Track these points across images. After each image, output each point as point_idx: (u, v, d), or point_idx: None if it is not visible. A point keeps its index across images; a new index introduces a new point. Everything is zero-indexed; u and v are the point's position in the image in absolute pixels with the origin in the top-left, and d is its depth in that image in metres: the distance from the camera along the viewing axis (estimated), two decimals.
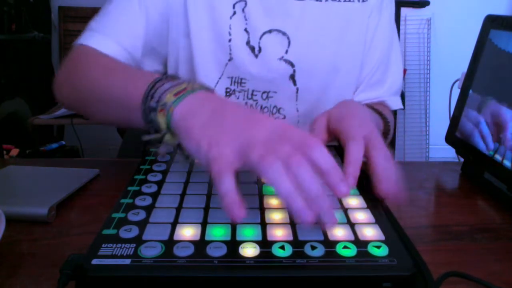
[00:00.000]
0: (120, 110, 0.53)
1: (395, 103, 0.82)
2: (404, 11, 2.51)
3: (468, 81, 0.70)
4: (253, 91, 0.76)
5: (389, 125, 0.69)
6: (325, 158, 0.39)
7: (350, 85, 0.80)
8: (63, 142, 2.30)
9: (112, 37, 0.68)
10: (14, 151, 2.10)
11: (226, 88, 0.76)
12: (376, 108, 0.68)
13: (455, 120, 0.72)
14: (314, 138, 0.40)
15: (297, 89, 0.77)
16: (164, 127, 0.45)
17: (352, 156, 0.47)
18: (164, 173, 0.52)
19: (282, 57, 0.76)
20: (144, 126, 0.47)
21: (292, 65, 0.76)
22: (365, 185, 0.49)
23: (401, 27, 2.56)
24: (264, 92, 0.77)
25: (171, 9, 0.73)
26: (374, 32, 0.79)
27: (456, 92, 0.76)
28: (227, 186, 0.37)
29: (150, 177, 0.51)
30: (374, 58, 0.80)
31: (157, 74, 0.49)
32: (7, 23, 2.20)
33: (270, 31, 0.75)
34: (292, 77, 0.76)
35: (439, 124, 1.74)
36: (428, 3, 2.52)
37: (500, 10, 2.60)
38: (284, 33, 0.75)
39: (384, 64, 0.81)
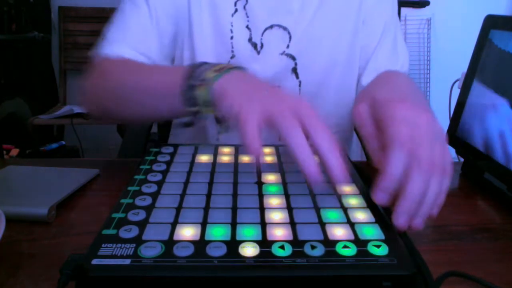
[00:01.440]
0: (158, 98, 0.58)
1: None
2: (404, 11, 2.51)
3: (468, 81, 0.70)
4: None
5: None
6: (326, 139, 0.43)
7: (349, 77, 0.80)
8: (63, 142, 2.30)
9: (126, 44, 0.71)
10: (14, 151, 2.10)
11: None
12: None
13: (455, 120, 0.72)
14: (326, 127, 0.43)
15: (300, 82, 0.78)
16: (203, 100, 0.51)
17: (391, 169, 0.41)
18: (164, 173, 0.52)
19: (284, 51, 0.76)
20: (181, 110, 0.53)
21: (293, 58, 0.77)
22: (366, 185, 0.49)
23: (401, 27, 2.55)
24: (269, 84, 0.77)
25: (179, 12, 0.74)
26: (372, 10, 0.78)
27: (456, 92, 0.76)
28: (251, 127, 0.42)
29: (150, 177, 0.51)
30: (376, 36, 0.79)
31: (189, 65, 0.54)
32: (7, 23, 2.20)
33: (271, 27, 0.75)
34: (295, 70, 0.77)
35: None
36: (428, 3, 2.52)
37: (500, 10, 2.60)
38: (285, 28, 0.76)
39: (389, 44, 0.79)
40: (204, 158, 0.57)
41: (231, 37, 0.75)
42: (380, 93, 0.49)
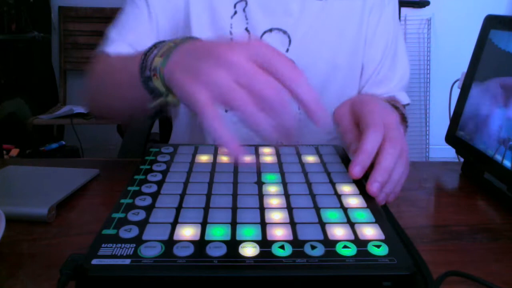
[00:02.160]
0: (130, 91, 0.55)
1: (404, 98, 0.82)
2: (404, 11, 2.51)
3: (468, 81, 0.70)
4: None
5: (406, 120, 0.69)
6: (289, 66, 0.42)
7: (350, 83, 0.80)
8: (63, 142, 2.30)
9: (126, 43, 0.71)
10: (14, 151, 2.10)
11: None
12: (392, 103, 0.68)
13: (455, 120, 0.72)
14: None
15: None
16: (163, 89, 0.47)
17: (367, 144, 0.47)
18: (164, 173, 0.52)
19: None
20: (150, 99, 0.50)
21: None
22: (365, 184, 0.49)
23: (401, 27, 2.56)
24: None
25: (178, 13, 0.74)
26: (375, 28, 0.79)
27: (456, 92, 0.76)
28: (215, 124, 0.39)
29: (150, 177, 0.51)
30: (378, 54, 0.80)
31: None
32: (7, 23, 2.20)
33: (270, 30, 0.75)
34: None
35: (439, 124, 1.74)
36: (428, 3, 2.52)
37: (500, 10, 2.60)
38: (284, 32, 0.75)
39: (390, 59, 0.81)
40: (204, 158, 0.57)
41: (231, 39, 0.75)
42: (356, 98, 0.57)
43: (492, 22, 0.68)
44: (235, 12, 0.75)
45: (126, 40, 0.72)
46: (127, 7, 0.75)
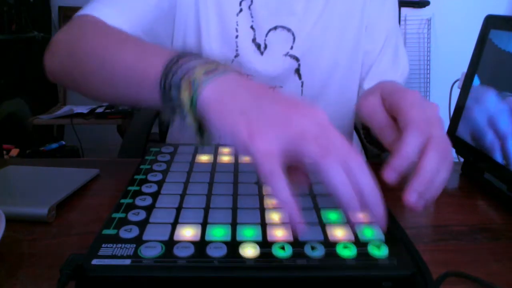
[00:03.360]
0: (130, 84, 0.48)
1: None
2: (404, 11, 2.51)
3: (468, 81, 0.70)
4: None
5: None
6: (368, 177, 0.37)
7: (351, 80, 0.81)
8: (63, 142, 2.30)
9: (119, 11, 0.63)
10: (14, 151, 2.10)
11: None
12: None
13: (455, 120, 0.72)
14: (356, 152, 0.37)
15: (302, 83, 0.78)
16: (188, 108, 0.40)
17: (407, 147, 0.40)
18: (164, 173, 0.52)
19: (288, 52, 0.77)
20: (158, 105, 0.43)
21: (297, 59, 0.77)
22: None
23: (401, 27, 2.55)
24: (270, 87, 0.77)
25: (182, 3, 0.74)
26: (376, 18, 0.79)
27: (456, 92, 0.76)
28: (284, 192, 0.35)
29: (150, 177, 0.51)
30: (379, 44, 0.80)
31: (175, 49, 0.44)
32: (7, 23, 2.20)
33: (275, 28, 0.76)
34: (297, 71, 0.78)
35: None
36: (428, 3, 2.52)
37: (500, 10, 2.59)
38: (289, 30, 0.76)
39: (391, 50, 0.81)
40: (204, 158, 0.57)
41: (236, 36, 0.75)
42: (386, 86, 0.48)
43: (492, 22, 0.68)
44: (241, 10, 0.75)
45: (117, 7, 0.64)
46: None
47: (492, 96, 0.64)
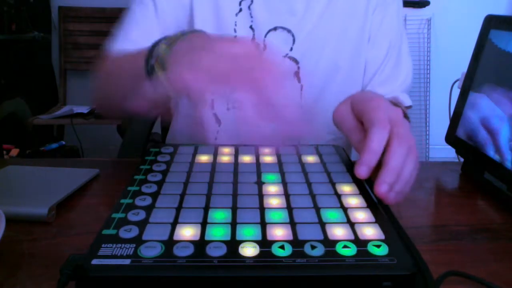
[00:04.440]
0: (137, 85, 0.52)
1: (406, 100, 0.81)
2: (404, 11, 2.49)
3: (468, 81, 0.70)
4: None
5: (408, 120, 0.69)
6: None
7: (352, 84, 0.80)
8: (63, 142, 2.30)
9: (131, 42, 0.70)
10: (14, 151, 2.10)
11: None
12: (394, 104, 0.67)
13: (455, 120, 0.72)
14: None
15: (302, 86, 0.78)
16: (166, 82, 0.44)
17: (373, 143, 0.45)
18: (164, 173, 0.52)
19: (287, 54, 0.76)
20: (157, 92, 0.47)
21: (296, 62, 0.77)
22: (366, 185, 0.49)
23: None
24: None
25: (183, 9, 0.74)
26: (379, 27, 0.79)
27: (456, 92, 0.76)
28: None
29: (150, 177, 0.51)
30: (382, 53, 0.80)
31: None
32: (7, 23, 2.20)
33: (275, 29, 0.76)
34: (297, 74, 0.77)
35: (439, 124, 1.74)
36: (428, 3, 2.52)
37: (500, 10, 2.60)
38: (288, 31, 0.76)
39: (394, 58, 0.80)
40: (204, 158, 0.57)
41: (235, 37, 0.75)
42: (357, 96, 0.54)
43: (492, 22, 0.68)
44: (240, 10, 0.75)
45: (130, 38, 0.72)
46: (134, 5, 0.75)
47: (492, 95, 0.64)
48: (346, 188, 0.49)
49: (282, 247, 0.37)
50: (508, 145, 0.59)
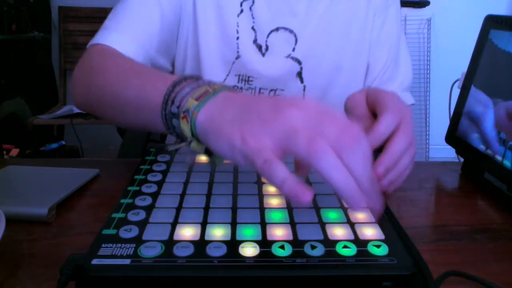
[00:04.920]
0: (138, 114, 0.51)
1: (408, 99, 0.82)
2: (404, 11, 2.51)
3: (468, 81, 0.70)
4: (260, 89, 0.77)
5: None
6: (365, 160, 0.36)
7: (354, 84, 0.80)
8: (63, 142, 2.30)
9: (127, 34, 0.67)
10: (14, 151, 2.10)
11: (233, 86, 0.76)
12: None
13: (455, 120, 0.72)
14: (357, 126, 0.36)
15: (304, 86, 0.78)
16: (189, 134, 0.42)
17: (381, 125, 0.46)
18: (164, 173, 0.52)
19: (289, 55, 0.76)
20: (165, 131, 0.46)
21: (299, 62, 0.77)
22: None
23: (401, 27, 2.55)
24: (271, 90, 0.77)
25: (183, 5, 0.74)
26: (380, 30, 0.79)
27: (456, 92, 0.76)
28: (281, 172, 0.34)
29: (150, 177, 0.51)
30: (383, 56, 0.80)
31: (175, 76, 0.47)
32: (7, 23, 2.20)
33: (277, 29, 0.75)
34: (299, 74, 0.77)
35: (439, 124, 1.74)
36: (428, 3, 2.52)
37: (500, 10, 2.60)
38: (291, 31, 0.76)
39: (394, 60, 0.81)
40: (204, 158, 0.57)
41: (237, 38, 0.75)
42: (372, 88, 0.55)
43: (492, 22, 0.68)
44: (242, 11, 0.75)
45: (127, 30, 0.67)
46: None
47: (491, 95, 0.64)
48: None
49: (282, 247, 0.37)
50: (494, 133, 0.60)
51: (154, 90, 0.46)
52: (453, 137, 0.71)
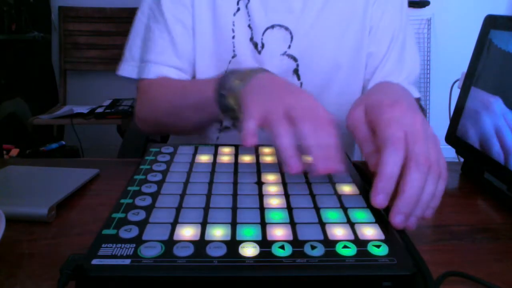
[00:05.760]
0: (197, 110, 0.64)
1: (414, 92, 0.80)
2: None
3: (468, 81, 0.70)
4: None
5: (422, 108, 0.68)
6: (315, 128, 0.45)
7: (352, 81, 0.80)
8: (63, 142, 2.30)
9: (169, 65, 0.75)
10: (14, 151, 2.10)
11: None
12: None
13: (455, 120, 0.72)
14: (330, 123, 0.46)
15: (301, 83, 0.78)
16: (236, 106, 0.55)
17: (387, 168, 0.41)
18: (164, 173, 0.52)
19: (285, 52, 0.76)
20: (220, 115, 0.59)
21: (295, 59, 0.76)
22: (366, 185, 0.49)
23: None
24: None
25: (188, 11, 0.75)
26: (380, 20, 0.78)
27: (456, 92, 0.76)
28: (248, 124, 0.48)
29: (150, 177, 0.51)
30: (384, 46, 0.79)
31: (219, 75, 0.60)
32: (7, 23, 2.20)
33: (272, 27, 0.75)
34: (296, 71, 0.77)
35: (439, 124, 1.75)
36: (428, 3, 2.52)
37: (500, 10, 2.60)
38: (286, 28, 0.75)
39: (397, 51, 0.79)
40: (204, 158, 0.57)
41: (233, 37, 0.75)
42: (373, 98, 0.48)
43: (492, 22, 0.68)
44: (238, 9, 0.75)
45: (161, 60, 0.75)
46: (153, 26, 0.76)
47: (491, 95, 0.64)
48: (346, 188, 0.49)
49: (282, 247, 0.37)
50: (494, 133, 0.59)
51: (207, 87, 0.60)
52: (453, 137, 0.71)
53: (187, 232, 0.39)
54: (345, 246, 0.37)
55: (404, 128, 0.42)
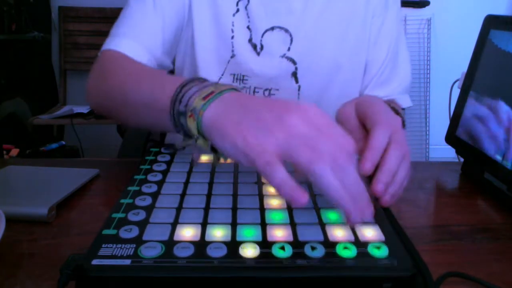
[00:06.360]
0: (149, 114, 0.53)
1: (405, 101, 0.81)
2: (404, 11, 2.51)
3: (468, 81, 0.70)
4: (255, 88, 0.77)
5: (404, 125, 0.69)
6: (356, 174, 0.38)
7: (353, 83, 0.80)
8: (63, 142, 2.30)
9: (133, 39, 0.70)
10: (14, 151, 2.10)
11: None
12: (392, 107, 0.67)
13: (455, 120, 0.72)
14: (351, 142, 0.39)
15: (299, 86, 0.78)
16: (195, 132, 0.44)
17: (375, 141, 0.46)
18: (164, 173, 0.52)
19: (284, 54, 0.76)
20: (174, 130, 0.48)
21: (294, 62, 0.76)
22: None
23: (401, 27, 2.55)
24: (266, 90, 0.77)
25: (184, 9, 0.74)
26: (379, 30, 0.79)
27: (456, 92, 0.76)
28: (281, 175, 0.36)
29: (150, 177, 0.51)
30: (381, 56, 0.80)
31: (183, 78, 0.49)
32: (7, 23, 2.20)
33: (272, 29, 0.75)
34: (294, 74, 0.77)
35: (439, 124, 1.74)
36: (428, 3, 2.52)
37: (500, 10, 2.60)
38: (286, 30, 0.75)
39: (391, 61, 0.81)
40: (204, 158, 0.57)
41: (232, 37, 0.75)
42: (361, 99, 0.54)
43: (492, 22, 0.68)
44: (237, 10, 0.75)
45: (131, 34, 0.70)
46: (133, 2, 0.73)
47: (491, 95, 0.64)
48: None
49: (282, 248, 0.37)
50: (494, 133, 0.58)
51: (163, 91, 0.48)
52: (453, 137, 0.71)
53: (187, 233, 0.39)
54: (345, 247, 0.37)
55: (389, 118, 0.49)
